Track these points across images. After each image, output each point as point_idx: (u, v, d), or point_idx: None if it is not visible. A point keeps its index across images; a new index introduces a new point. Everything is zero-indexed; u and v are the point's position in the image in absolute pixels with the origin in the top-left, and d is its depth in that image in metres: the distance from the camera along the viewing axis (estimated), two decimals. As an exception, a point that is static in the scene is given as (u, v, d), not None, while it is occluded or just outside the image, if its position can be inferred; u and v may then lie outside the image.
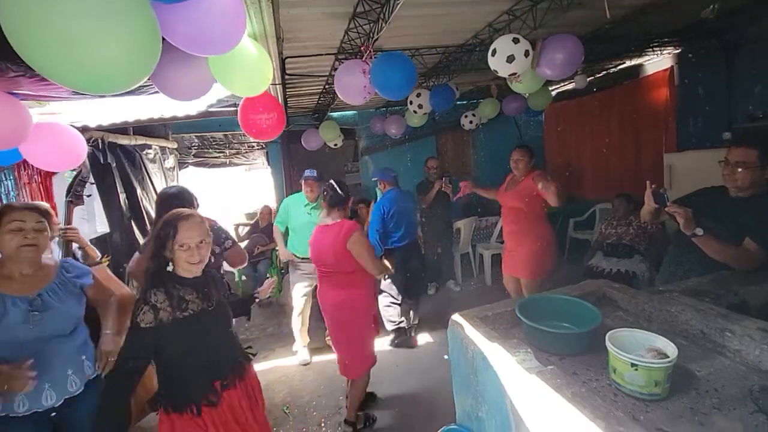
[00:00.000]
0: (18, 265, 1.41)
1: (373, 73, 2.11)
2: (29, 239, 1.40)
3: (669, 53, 4.07)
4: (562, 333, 1.15)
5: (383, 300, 3.35)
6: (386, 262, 2.28)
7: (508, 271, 2.96)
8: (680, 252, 1.91)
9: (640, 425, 0.78)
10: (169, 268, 1.34)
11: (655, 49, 3.85)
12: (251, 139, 5.52)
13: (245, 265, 2.36)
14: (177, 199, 2.06)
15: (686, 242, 1.74)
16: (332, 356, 2.55)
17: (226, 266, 2.41)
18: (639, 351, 0.98)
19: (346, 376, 2.33)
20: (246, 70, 1.65)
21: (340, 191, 2.16)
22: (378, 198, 4.10)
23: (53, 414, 1.41)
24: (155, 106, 3.07)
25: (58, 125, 2.22)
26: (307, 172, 3.24)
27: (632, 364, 0.92)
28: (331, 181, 2.20)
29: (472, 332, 1.19)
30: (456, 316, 1.32)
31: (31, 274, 1.43)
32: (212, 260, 2.22)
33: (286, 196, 4.85)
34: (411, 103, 3.63)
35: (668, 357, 0.93)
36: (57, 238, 2.42)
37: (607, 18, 2.01)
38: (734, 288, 1.46)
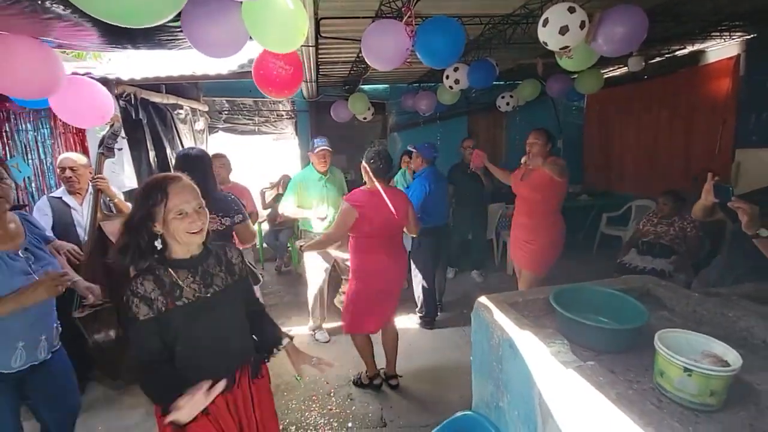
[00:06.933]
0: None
1: (420, 37, 1.97)
2: (4, 191, 1.34)
3: (737, 39, 3.67)
4: (604, 327, 1.05)
5: (417, 280, 3.32)
6: None
7: (515, 260, 2.89)
8: (734, 255, 1.75)
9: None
10: (158, 245, 1.11)
11: (723, 33, 3.48)
12: (281, 107, 5.47)
13: (253, 243, 2.32)
14: (201, 162, 1.96)
15: (743, 245, 1.58)
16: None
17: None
18: (693, 355, 0.87)
19: (391, 323, 2.49)
20: (281, 22, 1.55)
21: (389, 162, 2.27)
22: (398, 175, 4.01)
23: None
24: (187, 64, 3.03)
25: (89, 81, 2.19)
26: (318, 141, 3.01)
27: (686, 369, 0.82)
28: (376, 149, 2.29)
29: (500, 317, 1.11)
30: (483, 299, 1.24)
31: (11, 230, 1.38)
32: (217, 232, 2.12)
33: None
34: (447, 77, 3.45)
35: (729, 365, 0.82)
36: (89, 188, 2.47)
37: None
38: (799, 298, 1.31)
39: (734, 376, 0.81)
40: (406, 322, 3.36)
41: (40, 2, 1.28)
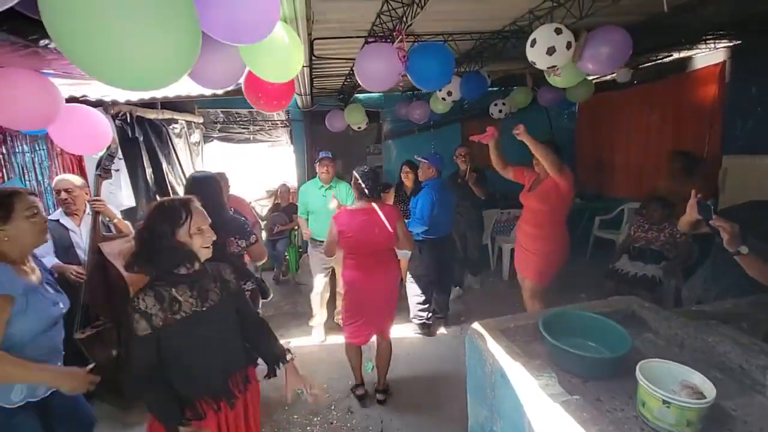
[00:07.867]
0: (28, 255, 1.36)
1: (411, 62, 2.02)
2: (45, 225, 1.37)
3: (723, 47, 3.76)
4: (588, 356, 1.11)
5: (412, 289, 3.36)
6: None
7: (518, 269, 2.90)
8: (718, 269, 1.81)
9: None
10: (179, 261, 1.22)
11: (708, 41, 3.56)
12: (275, 117, 5.50)
13: (264, 260, 2.39)
14: (208, 186, 2.01)
15: (726, 260, 1.64)
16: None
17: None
18: (672, 385, 0.93)
19: (385, 338, 2.52)
20: (278, 57, 1.59)
21: (376, 181, 2.34)
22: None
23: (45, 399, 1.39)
24: (183, 83, 3.06)
25: (85, 108, 2.21)
26: (323, 153, 3.35)
27: (664, 401, 0.87)
28: (365, 169, 2.35)
29: (492, 345, 1.16)
30: (476, 326, 1.29)
31: (32, 265, 1.40)
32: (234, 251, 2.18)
33: (307, 178, 4.87)
34: (440, 89, 3.51)
35: (704, 397, 0.88)
36: (87, 208, 2.50)
37: (664, 10, 1.83)
38: (777, 315, 1.37)
39: (709, 407, 0.87)
40: (404, 330, 3.41)
41: (41, 46, 1.31)
